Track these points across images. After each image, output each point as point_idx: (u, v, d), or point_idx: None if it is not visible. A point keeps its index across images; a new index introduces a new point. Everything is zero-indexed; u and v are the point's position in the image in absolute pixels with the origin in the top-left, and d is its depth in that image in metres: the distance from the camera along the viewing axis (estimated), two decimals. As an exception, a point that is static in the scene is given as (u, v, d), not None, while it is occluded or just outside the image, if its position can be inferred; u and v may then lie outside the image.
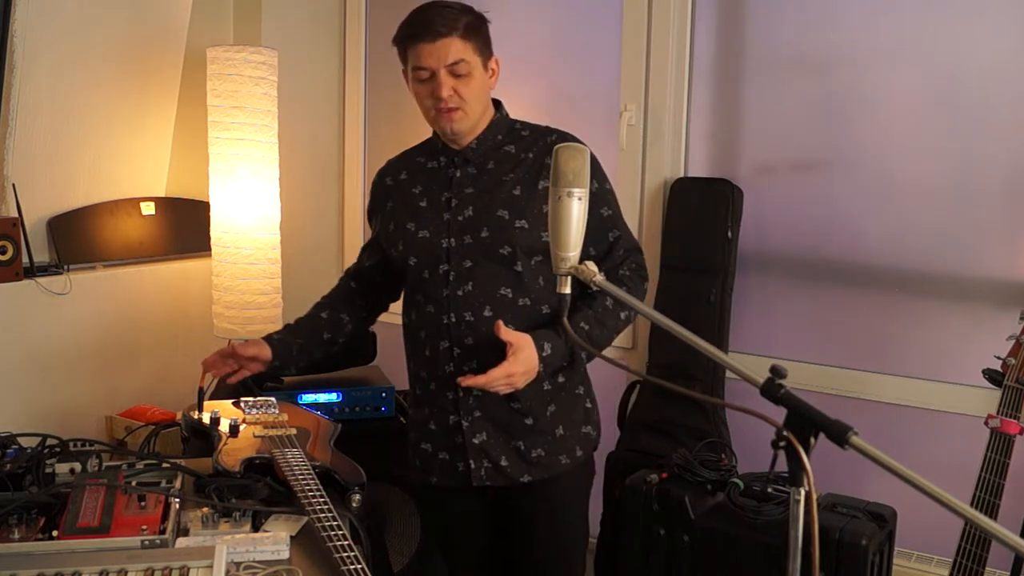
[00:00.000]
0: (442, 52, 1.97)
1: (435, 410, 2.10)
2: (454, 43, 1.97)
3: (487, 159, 2.10)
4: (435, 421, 2.11)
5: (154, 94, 3.24)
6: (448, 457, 2.10)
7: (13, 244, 2.78)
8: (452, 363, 2.05)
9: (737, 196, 2.79)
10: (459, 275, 2.04)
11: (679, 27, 2.89)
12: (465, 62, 1.98)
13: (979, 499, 2.05)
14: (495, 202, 2.05)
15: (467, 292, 2.04)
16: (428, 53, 1.97)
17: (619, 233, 2.12)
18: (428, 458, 2.14)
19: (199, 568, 1.45)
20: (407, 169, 2.19)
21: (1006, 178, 2.45)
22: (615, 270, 2.09)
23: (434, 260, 2.07)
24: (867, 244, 2.65)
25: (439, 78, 1.98)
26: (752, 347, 2.83)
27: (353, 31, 3.68)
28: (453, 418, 2.07)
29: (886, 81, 2.60)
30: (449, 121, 2.03)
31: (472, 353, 2.03)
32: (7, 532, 1.56)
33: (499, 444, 2.06)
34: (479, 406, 2.05)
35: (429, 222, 2.09)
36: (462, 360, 2.04)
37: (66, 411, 2.94)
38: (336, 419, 2.24)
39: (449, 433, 2.09)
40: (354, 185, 3.74)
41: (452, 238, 2.05)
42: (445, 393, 2.08)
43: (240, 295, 3.08)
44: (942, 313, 2.55)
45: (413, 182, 2.16)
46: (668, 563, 2.43)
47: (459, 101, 2.01)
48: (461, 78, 1.99)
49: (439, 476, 2.13)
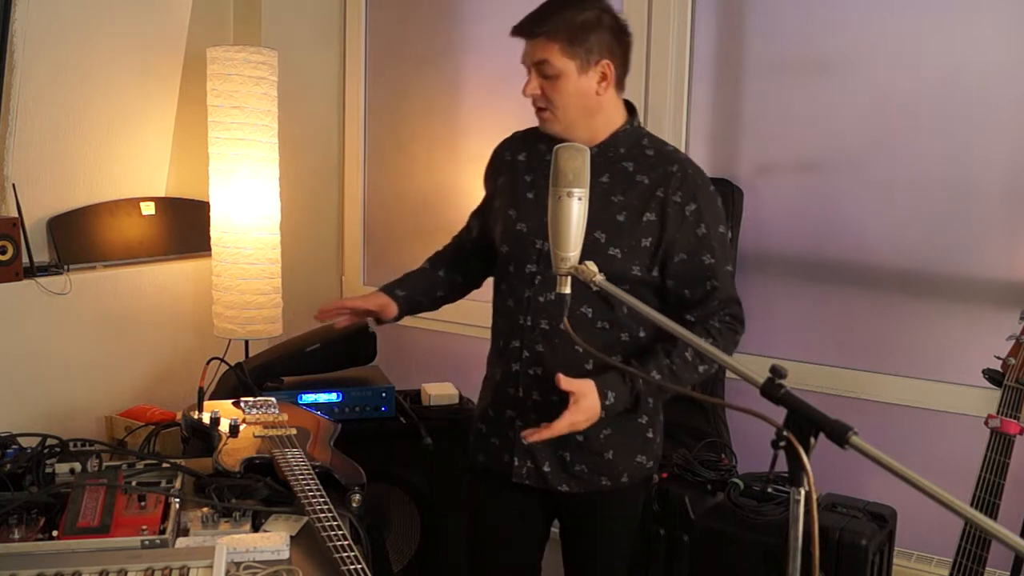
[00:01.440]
0: (531, 51, 1.95)
1: (496, 398, 2.11)
2: (544, 43, 1.92)
3: (603, 171, 1.99)
4: (493, 409, 2.12)
5: (154, 94, 3.24)
6: (498, 443, 2.11)
7: (13, 244, 2.78)
8: (519, 363, 2.03)
9: (737, 196, 2.79)
10: (545, 281, 1.99)
11: (679, 27, 2.89)
12: (549, 64, 1.93)
13: (979, 499, 2.05)
14: (597, 221, 1.91)
15: (549, 300, 2.00)
16: (525, 49, 1.97)
17: (718, 284, 2.00)
18: (481, 437, 2.16)
19: (199, 568, 1.45)
20: (527, 151, 2.12)
21: (1006, 178, 2.45)
22: (706, 320, 2.00)
23: (524, 257, 2.03)
24: (867, 244, 2.65)
25: (531, 76, 1.97)
26: (752, 347, 2.82)
27: (353, 31, 3.68)
28: (510, 413, 2.07)
29: (886, 81, 2.60)
30: (541, 121, 2.01)
31: (539, 360, 2.01)
32: (7, 532, 1.56)
33: (546, 449, 2.04)
34: (536, 409, 2.03)
35: (530, 217, 2.03)
36: (528, 364, 2.02)
37: (66, 411, 2.94)
38: (336, 419, 2.24)
39: (504, 425, 2.09)
40: (354, 185, 3.74)
41: (546, 241, 1.84)
42: (507, 388, 2.07)
43: (240, 295, 3.08)
44: (942, 313, 2.55)
45: (528, 168, 2.09)
46: (668, 563, 2.44)
47: (546, 103, 1.97)
48: (548, 79, 1.94)
49: (485, 457, 2.14)
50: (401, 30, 3.60)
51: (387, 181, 3.69)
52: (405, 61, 3.60)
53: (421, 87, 3.55)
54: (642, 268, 1.97)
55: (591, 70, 1.94)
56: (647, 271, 1.98)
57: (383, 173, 3.70)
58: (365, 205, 3.74)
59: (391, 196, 3.67)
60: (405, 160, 3.62)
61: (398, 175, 3.65)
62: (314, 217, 3.69)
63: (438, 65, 3.51)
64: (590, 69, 1.94)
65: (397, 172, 3.65)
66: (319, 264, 3.74)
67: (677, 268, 1.99)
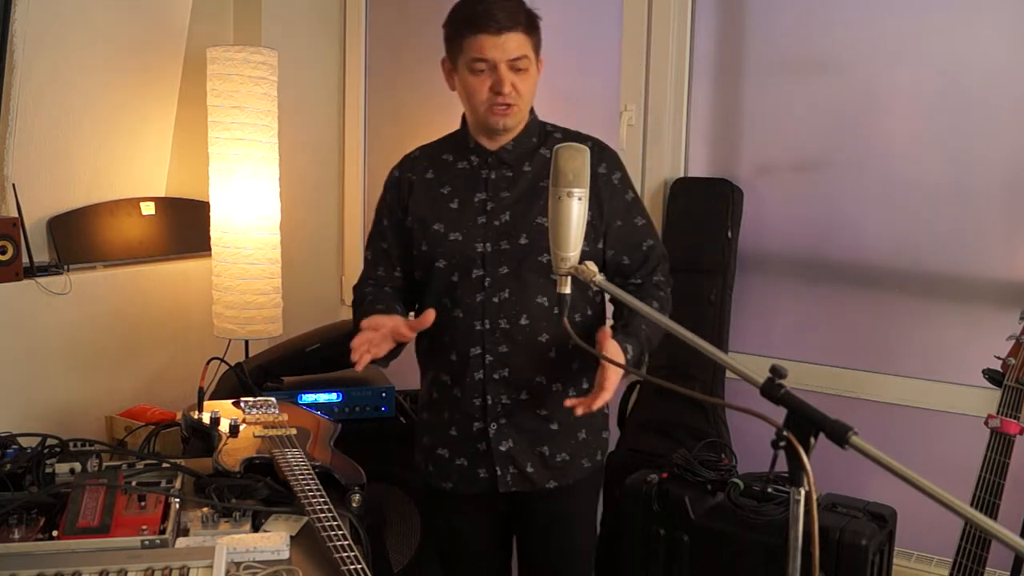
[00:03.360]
0: (506, 46, 1.92)
1: (458, 416, 2.06)
2: (518, 37, 1.92)
3: (522, 161, 2.05)
4: (457, 427, 2.06)
5: (154, 94, 3.24)
6: (467, 463, 2.06)
7: (13, 244, 2.78)
8: (483, 370, 2.01)
9: (737, 196, 2.79)
10: (495, 281, 2.00)
11: (679, 27, 2.89)
12: (526, 58, 1.95)
13: (979, 499, 2.05)
14: (534, 208, 2.00)
15: (503, 299, 1.99)
16: (492, 45, 1.91)
17: (652, 242, 2.11)
18: (444, 463, 2.10)
19: (199, 568, 1.45)
20: (433, 167, 2.11)
21: (1006, 178, 2.45)
22: (649, 278, 2.08)
23: (466, 264, 2.01)
24: (867, 244, 2.65)
25: (500, 72, 1.93)
26: (752, 347, 2.83)
27: (353, 31, 3.68)
28: (478, 425, 2.03)
29: (886, 81, 2.60)
30: (503, 116, 1.98)
31: (504, 361, 2.01)
32: (7, 532, 1.56)
33: (525, 450, 2.04)
34: (506, 413, 2.02)
35: (461, 225, 2.03)
36: (493, 367, 2.01)
37: (66, 411, 2.94)
38: (336, 419, 2.24)
39: (472, 439, 2.05)
40: (354, 185, 3.74)
41: (488, 243, 2.00)
42: (471, 399, 2.03)
43: (240, 295, 3.08)
44: (942, 313, 2.55)
45: (440, 181, 2.08)
46: (668, 563, 2.44)
47: (515, 97, 1.96)
48: (520, 73, 1.95)
49: (455, 482, 2.09)
50: (401, 30, 3.60)
51: (387, 181, 3.69)
52: (405, 60, 3.60)
53: (421, 86, 3.55)
54: (589, 243, 1.99)
55: (538, 60, 2.01)
56: (594, 244, 2.03)
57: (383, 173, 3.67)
58: (365, 205, 3.73)
59: (391, 196, 3.67)
60: (405, 160, 3.62)
61: (398, 175, 3.64)
62: (314, 217, 3.69)
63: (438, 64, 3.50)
64: (538, 59, 2.01)
65: (397, 172, 3.65)
66: (319, 264, 3.74)
67: (616, 235, 2.06)
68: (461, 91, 2.02)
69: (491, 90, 1.94)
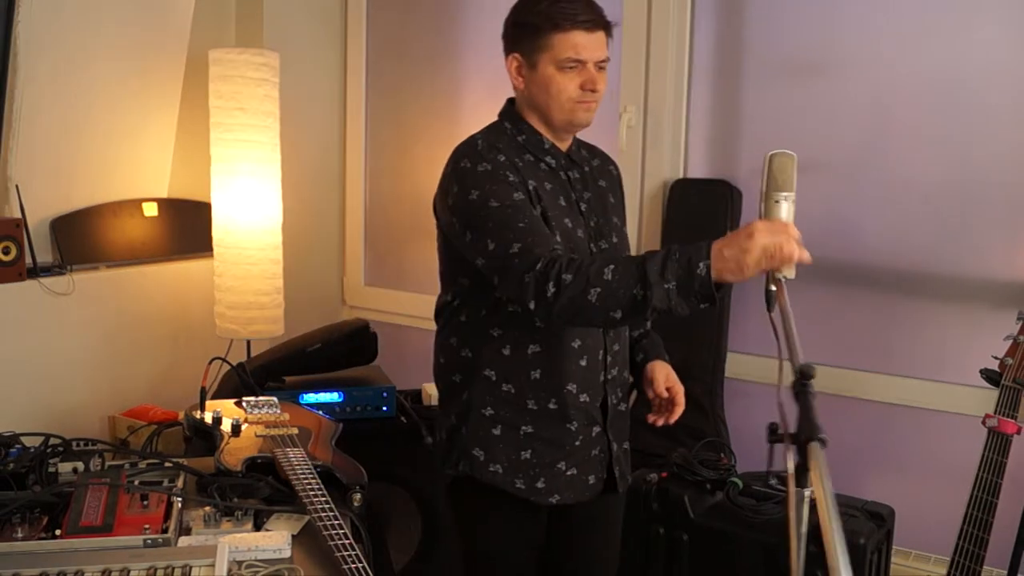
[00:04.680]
0: (598, 45, 1.89)
1: (584, 423, 1.98)
2: (604, 38, 1.91)
3: (583, 161, 2.05)
4: (582, 435, 1.98)
5: (156, 96, 3.25)
6: (576, 472, 1.98)
7: (16, 245, 2.79)
8: (605, 371, 1.99)
9: (736, 197, 2.80)
10: None
11: (679, 28, 2.90)
12: (609, 59, 1.93)
13: (977, 498, 2.06)
14: (607, 208, 2.04)
15: None
16: (586, 43, 1.86)
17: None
18: (557, 476, 1.97)
19: (201, 567, 1.46)
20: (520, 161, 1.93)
21: (1005, 178, 2.45)
22: None
23: None
24: (866, 244, 2.66)
25: (591, 70, 1.88)
26: (752, 347, 2.83)
27: (354, 33, 3.69)
28: (597, 429, 2.00)
29: (885, 82, 2.61)
30: (588, 111, 1.92)
31: (616, 360, 2.02)
32: (10, 531, 1.57)
33: (622, 447, 2.08)
34: (615, 414, 2.03)
35: (579, 223, 1.97)
36: (611, 367, 2.01)
37: (69, 411, 2.95)
38: (337, 419, 2.24)
39: (588, 446, 1.99)
40: (355, 185, 3.75)
41: (592, 244, 1.98)
42: (596, 404, 1.99)
43: (242, 295, 3.09)
44: (940, 313, 2.56)
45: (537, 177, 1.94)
46: (668, 562, 2.45)
47: (598, 96, 1.93)
48: (601, 73, 1.92)
49: (563, 493, 1.98)
50: (402, 31, 3.61)
51: (388, 182, 3.69)
52: (406, 62, 3.60)
53: (422, 88, 3.56)
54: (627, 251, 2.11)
55: None
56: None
57: (384, 173, 3.71)
58: (366, 205, 3.75)
59: (392, 196, 3.68)
60: (406, 161, 3.63)
61: (399, 176, 3.65)
62: (315, 217, 3.70)
63: (439, 65, 3.52)
64: None
65: (398, 173, 3.66)
66: (320, 264, 3.75)
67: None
68: (540, 87, 1.91)
69: (584, 87, 1.89)
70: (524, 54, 1.91)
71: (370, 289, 3.74)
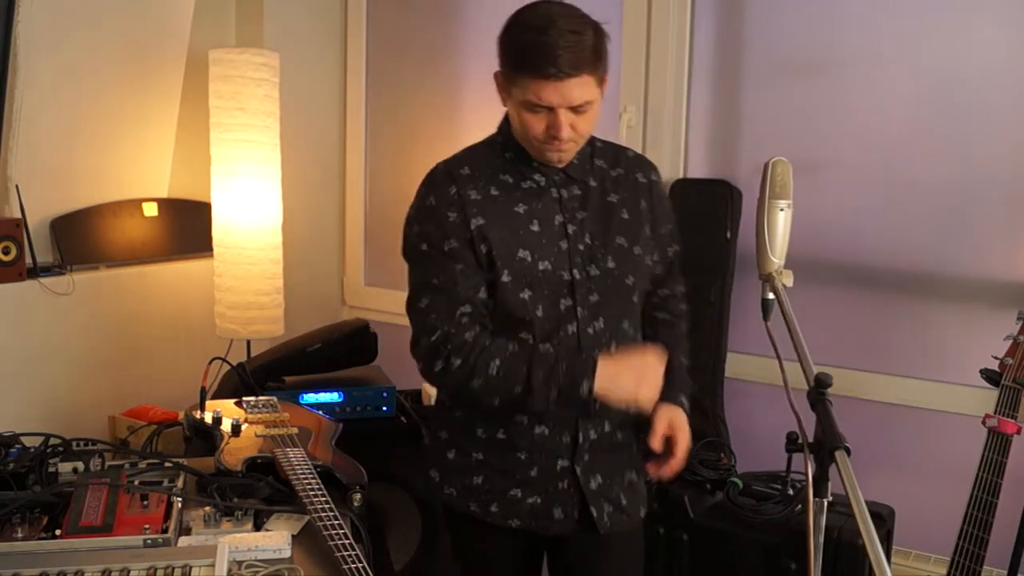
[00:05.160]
0: (567, 92, 1.68)
1: (541, 454, 1.84)
2: (582, 81, 1.68)
3: (586, 176, 1.87)
4: (538, 466, 1.85)
5: (156, 96, 3.25)
6: (540, 501, 1.86)
7: (16, 245, 2.79)
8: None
9: (736, 197, 2.80)
10: (587, 311, 1.82)
11: (679, 28, 2.90)
12: (589, 102, 1.71)
13: (977, 498, 2.06)
14: (611, 228, 1.85)
15: (597, 330, 1.83)
16: (551, 91, 1.67)
17: (677, 247, 2.03)
18: (513, 503, 1.86)
19: (201, 567, 1.46)
20: (493, 184, 1.83)
21: (1004, 179, 2.45)
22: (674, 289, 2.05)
23: (554, 295, 1.80)
24: (866, 244, 2.66)
25: (558, 118, 1.70)
26: (752, 347, 2.83)
27: (354, 32, 3.69)
28: (563, 463, 1.84)
29: (885, 82, 2.61)
30: (558, 152, 1.77)
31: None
32: (10, 531, 1.57)
33: (615, 482, 1.88)
34: (591, 449, 1.85)
35: (547, 251, 1.81)
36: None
37: (69, 411, 2.95)
38: (337, 419, 2.25)
39: (552, 479, 1.85)
40: (355, 185, 3.75)
41: (575, 269, 1.81)
42: (558, 437, 1.84)
43: (242, 295, 3.09)
44: (940, 313, 2.56)
45: (511, 200, 1.82)
46: (668, 562, 2.45)
47: (573, 135, 1.74)
48: (582, 115, 1.73)
49: (524, 519, 1.87)
50: (402, 31, 3.61)
51: (388, 181, 3.70)
52: (406, 62, 3.61)
53: (422, 88, 3.56)
54: (652, 256, 1.93)
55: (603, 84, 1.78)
56: (653, 256, 1.93)
57: (384, 173, 3.71)
58: (366, 205, 3.75)
59: (392, 196, 3.68)
60: (406, 160, 3.63)
61: (399, 175, 3.65)
62: (316, 217, 3.71)
63: (439, 65, 3.52)
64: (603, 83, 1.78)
65: (398, 172, 3.66)
66: (321, 264, 3.75)
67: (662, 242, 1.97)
68: (513, 115, 1.79)
69: (547, 133, 1.73)
70: (504, 77, 1.77)
71: (370, 289, 3.74)
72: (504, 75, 1.77)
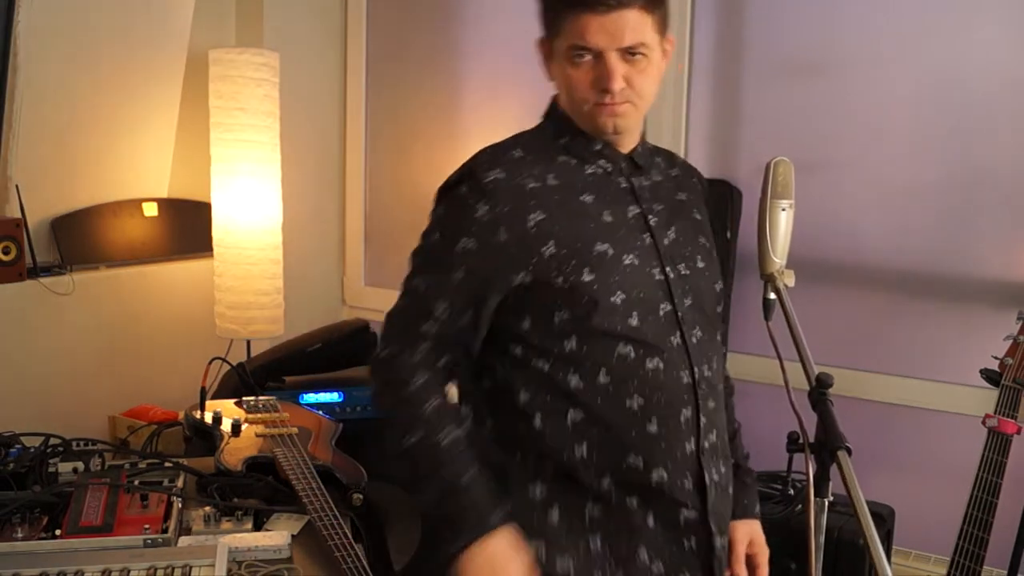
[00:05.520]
0: (617, 29, 1.42)
1: (661, 510, 1.49)
2: (634, 17, 1.43)
3: (651, 169, 1.61)
4: (662, 522, 1.49)
5: (156, 96, 3.25)
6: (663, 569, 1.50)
7: (16, 245, 2.78)
8: (695, 438, 1.50)
9: (736, 197, 2.80)
10: (686, 317, 1.54)
11: (679, 28, 2.90)
12: (644, 44, 1.45)
13: (977, 498, 2.06)
14: (689, 224, 1.62)
15: (700, 340, 1.55)
16: (598, 27, 1.42)
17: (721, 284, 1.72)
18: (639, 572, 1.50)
19: (201, 567, 1.46)
20: (551, 170, 1.52)
21: (1004, 179, 2.46)
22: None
23: (651, 297, 1.51)
24: (865, 245, 2.66)
25: (608, 63, 1.44)
26: (752, 347, 2.83)
27: (354, 32, 3.69)
28: (688, 513, 1.50)
29: (885, 82, 2.61)
30: (612, 116, 1.48)
31: (713, 421, 1.54)
32: (10, 531, 1.57)
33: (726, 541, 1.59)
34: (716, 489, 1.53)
35: (628, 244, 1.51)
36: (706, 433, 1.52)
37: (69, 411, 2.95)
38: (337, 419, 2.25)
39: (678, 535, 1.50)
40: (355, 185, 3.75)
41: (666, 267, 1.54)
42: (679, 481, 1.48)
43: (242, 295, 3.09)
44: (940, 313, 2.56)
45: (574, 187, 1.52)
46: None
47: (630, 94, 1.47)
48: (636, 64, 1.45)
49: None
50: (402, 31, 3.61)
51: (388, 181, 3.70)
52: (406, 62, 3.60)
53: (422, 87, 3.56)
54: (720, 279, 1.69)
55: (664, 46, 1.53)
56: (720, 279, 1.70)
57: (384, 173, 3.71)
58: (366, 205, 3.75)
59: (392, 196, 3.68)
60: (406, 160, 3.63)
61: (399, 175, 3.66)
62: (316, 217, 3.70)
63: (439, 65, 3.52)
64: (664, 44, 1.53)
65: (398, 172, 3.66)
66: (321, 264, 3.75)
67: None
68: (558, 81, 1.53)
69: (594, 86, 1.46)
70: (547, 36, 1.52)
71: (370, 289, 3.74)
72: (546, 29, 1.52)
